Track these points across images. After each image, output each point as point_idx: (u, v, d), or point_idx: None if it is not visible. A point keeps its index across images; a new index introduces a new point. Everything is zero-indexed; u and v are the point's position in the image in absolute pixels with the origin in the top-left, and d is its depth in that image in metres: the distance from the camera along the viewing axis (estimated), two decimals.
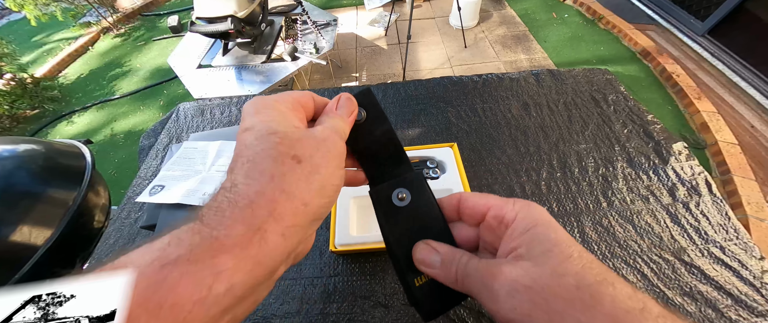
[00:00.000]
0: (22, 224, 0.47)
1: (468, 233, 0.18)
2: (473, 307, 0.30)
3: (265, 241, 0.13)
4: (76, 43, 2.34)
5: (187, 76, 1.26)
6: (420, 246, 0.17)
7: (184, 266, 0.11)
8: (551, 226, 0.15)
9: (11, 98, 1.79)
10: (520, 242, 0.15)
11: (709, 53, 1.71)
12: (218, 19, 1.08)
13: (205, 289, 0.11)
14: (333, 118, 0.17)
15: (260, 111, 0.15)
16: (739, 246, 0.33)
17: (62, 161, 0.59)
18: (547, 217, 0.15)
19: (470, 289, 0.15)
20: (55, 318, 0.10)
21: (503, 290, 0.14)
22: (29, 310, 0.10)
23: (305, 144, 0.15)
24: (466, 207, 0.18)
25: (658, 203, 0.37)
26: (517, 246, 0.15)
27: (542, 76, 0.52)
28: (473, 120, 0.47)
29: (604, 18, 1.99)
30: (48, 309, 0.10)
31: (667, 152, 0.41)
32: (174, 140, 0.50)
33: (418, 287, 0.17)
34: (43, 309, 0.10)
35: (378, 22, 2.18)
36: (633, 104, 0.47)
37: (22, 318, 0.10)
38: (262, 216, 0.13)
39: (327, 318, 0.30)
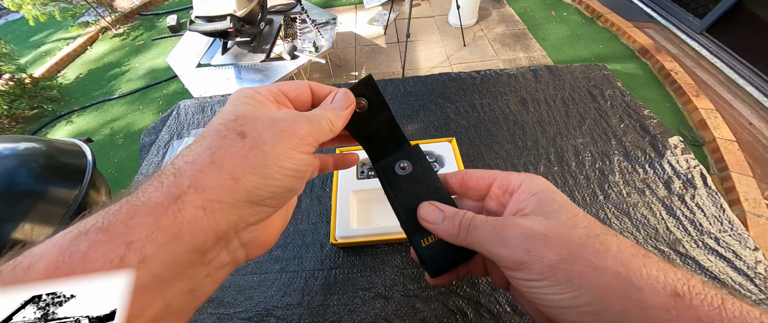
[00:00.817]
0: (24, 223, 0.48)
1: (471, 207, 0.19)
2: (471, 298, 0.30)
3: (182, 212, 0.11)
4: (75, 43, 2.33)
5: (187, 76, 1.26)
6: (424, 205, 0.18)
7: (95, 234, 0.10)
8: (556, 192, 0.16)
9: (10, 98, 1.79)
10: (527, 203, 0.16)
11: (708, 51, 1.72)
12: (217, 17, 1.08)
13: (116, 259, 0.10)
14: (323, 109, 0.17)
15: (237, 98, 0.15)
16: (733, 237, 0.34)
17: (63, 159, 0.60)
18: (550, 185, 0.16)
19: (474, 240, 0.16)
20: (55, 318, 0.10)
21: (517, 237, 0.14)
22: (29, 310, 0.10)
23: (258, 123, 0.14)
24: (471, 180, 0.19)
25: (653, 196, 0.37)
26: (525, 206, 0.16)
27: (540, 73, 0.53)
28: (472, 116, 0.47)
29: (603, 16, 1.99)
30: (48, 309, 0.10)
31: (663, 145, 0.42)
32: (175, 136, 0.50)
33: (424, 247, 0.18)
34: (43, 309, 0.10)
35: (377, 20, 2.18)
36: (629, 99, 0.48)
37: (22, 318, 0.10)
38: (183, 185, 0.12)
39: (328, 309, 0.31)
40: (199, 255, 0.12)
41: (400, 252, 0.34)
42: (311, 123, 0.15)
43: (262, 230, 0.15)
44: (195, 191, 0.12)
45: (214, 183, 0.12)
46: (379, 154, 0.21)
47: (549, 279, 0.13)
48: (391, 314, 0.30)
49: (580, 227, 0.14)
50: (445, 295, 0.31)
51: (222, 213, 0.12)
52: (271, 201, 0.14)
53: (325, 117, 0.16)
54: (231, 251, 0.14)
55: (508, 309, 0.30)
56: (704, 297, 0.11)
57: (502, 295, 0.30)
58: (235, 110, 0.14)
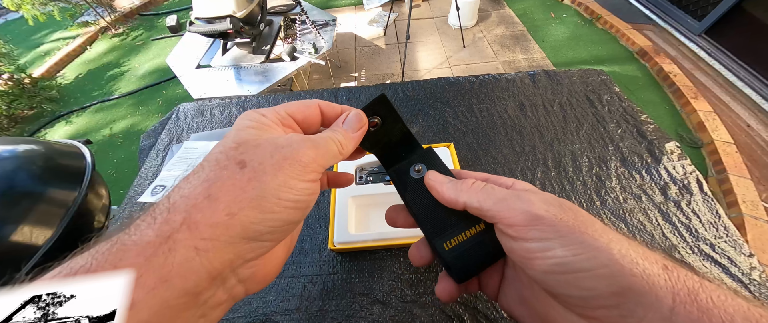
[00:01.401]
0: (23, 225, 0.48)
1: None
2: (469, 304, 0.31)
3: (173, 252, 0.11)
4: (74, 43, 2.33)
5: (186, 76, 1.26)
6: (431, 171, 0.19)
7: (82, 277, 0.10)
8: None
9: (9, 98, 1.79)
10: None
11: (706, 53, 1.72)
12: (217, 18, 1.08)
13: None
14: (333, 131, 0.16)
15: (241, 122, 0.14)
16: (728, 244, 0.34)
17: (62, 161, 0.60)
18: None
19: (492, 195, 0.16)
20: (55, 318, 0.10)
21: (535, 197, 0.15)
22: (29, 310, 0.10)
23: (259, 150, 0.13)
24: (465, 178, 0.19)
25: (650, 202, 0.37)
26: None
27: (538, 77, 0.53)
28: (470, 120, 0.48)
29: (602, 18, 2.00)
30: (48, 309, 0.10)
31: (660, 151, 0.42)
32: (174, 140, 0.50)
33: (448, 251, 0.17)
34: (43, 309, 0.10)
35: (377, 21, 2.18)
36: (627, 104, 0.48)
37: (22, 318, 0.10)
38: (176, 222, 0.11)
39: (326, 314, 0.31)
40: (192, 298, 0.11)
41: (398, 258, 0.34)
42: (317, 148, 0.14)
43: (262, 264, 0.14)
44: (188, 229, 0.11)
45: (207, 220, 0.11)
46: (391, 160, 0.21)
47: (565, 237, 0.13)
48: (389, 319, 0.30)
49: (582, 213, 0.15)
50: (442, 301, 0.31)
51: (216, 252, 0.11)
52: (270, 236, 0.13)
53: (335, 140, 0.15)
54: (228, 288, 0.13)
55: (504, 315, 0.30)
56: (684, 270, 0.12)
57: None
58: (238, 136, 0.14)
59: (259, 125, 0.14)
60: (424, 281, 0.32)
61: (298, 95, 0.55)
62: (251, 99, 0.55)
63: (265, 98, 0.55)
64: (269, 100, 0.54)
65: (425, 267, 0.33)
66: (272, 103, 0.54)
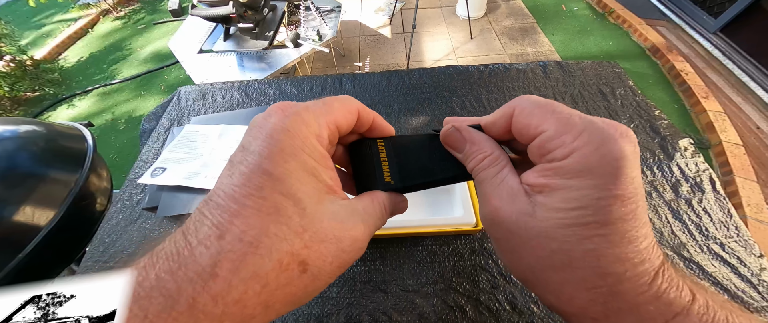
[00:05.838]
0: (24, 205, 0.48)
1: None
2: (471, 295, 0.30)
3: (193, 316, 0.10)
4: (76, 25, 2.30)
5: (188, 61, 1.24)
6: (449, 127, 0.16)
7: None
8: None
9: (11, 80, 1.78)
10: None
11: (720, 52, 1.68)
12: (220, 2, 1.05)
13: None
14: (377, 203, 0.15)
15: (276, 129, 0.12)
16: (738, 244, 0.33)
17: (63, 142, 0.59)
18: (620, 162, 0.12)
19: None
20: (55, 318, 0.10)
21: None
22: (29, 310, 0.10)
23: (324, 248, 0.12)
24: (518, 125, 0.15)
25: (660, 199, 0.36)
26: None
27: (550, 68, 0.51)
28: (478, 110, 0.46)
29: (615, 12, 1.94)
30: (48, 309, 0.10)
31: (673, 148, 0.41)
32: (175, 123, 0.50)
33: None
34: (43, 309, 0.10)
35: (383, 10, 2.14)
36: (641, 98, 0.47)
37: (22, 318, 0.10)
38: (203, 291, 0.10)
39: (327, 301, 0.31)
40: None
41: (400, 247, 0.34)
42: (366, 225, 0.13)
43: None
44: (213, 302, 0.10)
45: (241, 312, 0.10)
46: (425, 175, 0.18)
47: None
48: (390, 308, 0.30)
49: None
50: (444, 291, 0.31)
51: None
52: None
53: (382, 204, 0.15)
54: None
55: (507, 307, 0.29)
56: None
57: (502, 293, 0.30)
58: (274, 166, 0.11)
59: (294, 142, 0.12)
60: (425, 271, 0.32)
61: (302, 80, 0.53)
62: (254, 84, 0.53)
63: (268, 83, 0.53)
64: (272, 85, 0.53)
65: (426, 258, 0.33)
66: (276, 87, 0.52)
